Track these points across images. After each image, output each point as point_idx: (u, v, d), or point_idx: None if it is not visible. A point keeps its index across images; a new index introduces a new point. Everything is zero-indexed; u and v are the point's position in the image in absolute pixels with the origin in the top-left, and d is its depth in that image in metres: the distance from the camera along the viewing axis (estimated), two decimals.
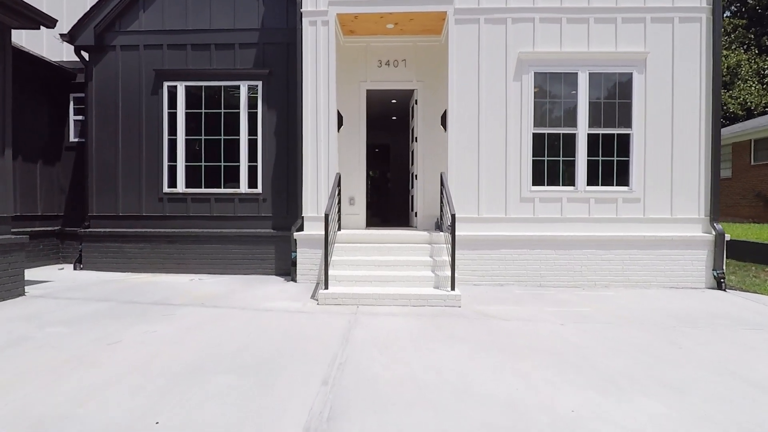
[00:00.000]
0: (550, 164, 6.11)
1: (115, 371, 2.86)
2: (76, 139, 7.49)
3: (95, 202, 6.85)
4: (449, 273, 5.12)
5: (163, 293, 5.27)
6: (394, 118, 11.12)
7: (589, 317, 4.49)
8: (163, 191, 6.79)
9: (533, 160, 6.06)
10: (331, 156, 6.11)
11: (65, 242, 7.44)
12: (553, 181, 6.12)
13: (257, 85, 6.70)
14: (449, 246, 5.23)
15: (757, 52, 20.94)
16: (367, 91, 7.11)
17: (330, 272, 5.20)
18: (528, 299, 5.25)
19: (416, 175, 7.14)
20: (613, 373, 2.97)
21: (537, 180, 6.09)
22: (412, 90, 7.17)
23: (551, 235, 5.96)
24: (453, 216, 4.94)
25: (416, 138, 7.14)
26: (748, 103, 19.49)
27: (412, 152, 7.58)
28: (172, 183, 6.80)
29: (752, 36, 21.59)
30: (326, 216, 4.98)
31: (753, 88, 19.60)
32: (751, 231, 10.04)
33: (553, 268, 5.98)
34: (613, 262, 5.98)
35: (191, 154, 6.80)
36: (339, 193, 6.17)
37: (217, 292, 5.40)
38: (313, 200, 6.11)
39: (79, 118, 7.45)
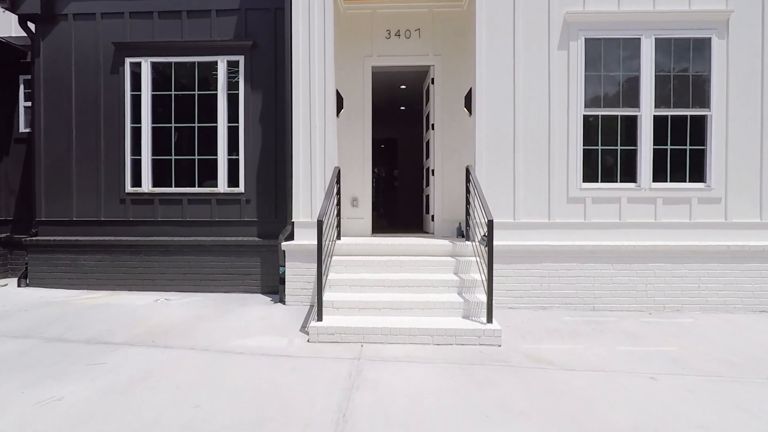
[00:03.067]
0: (606, 155, 4.84)
1: None
2: (28, 130, 6.30)
3: (44, 204, 5.65)
4: (483, 297, 3.88)
5: (108, 324, 4.05)
6: (402, 108, 9.87)
7: (682, 363, 3.22)
8: (126, 191, 5.58)
9: (584, 149, 4.79)
10: (329, 146, 4.87)
11: (14, 252, 6.26)
12: (609, 177, 4.84)
13: (239, 61, 5.47)
14: (480, 260, 3.98)
15: None
16: (373, 68, 5.86)
17: (325, 296, 3.96)
18: (586, 331, 3.98)
19: (433, 171, 5.89)
20: None
21: (589, 175, 4.82)
22: (428, 67, 5.91)
23: (607, 244, 4.68)
24: (490, 222, 3.68)
25: (432, 125, 5.89)
26: None
27: (428, 143, 6.33)
28: (137, 181, 5.59)
29: None
30: (320, 223, 3.74)
31: None
32: None
33: (610, 286, 4.70)
34: (686, 279, 4.69)
35: (159, 146, 5.59)
36: (338, 193, 4.94)
37: (179, 321, 4.17)
38: (306, 201, 4.88)
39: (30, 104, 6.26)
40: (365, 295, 4.10)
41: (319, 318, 3.71)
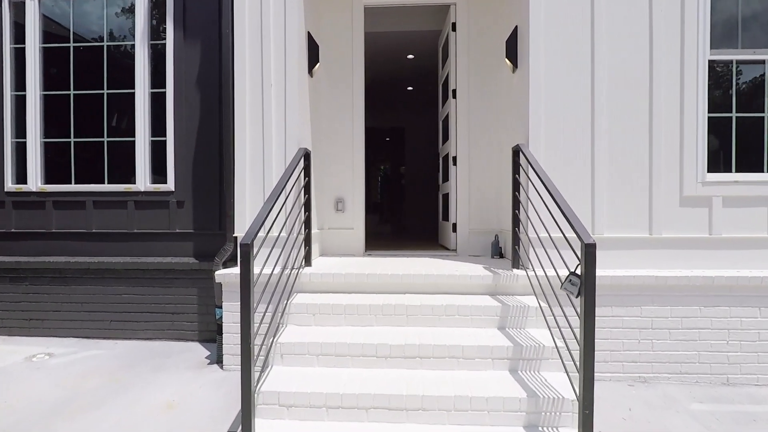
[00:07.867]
0: (744, 128, 2.98)
1: None
2: None
3: None
4: (562, 381, 2.04)
5: None
6: (410, 88, 8.04)
7: None
8: (6, 189, 3.82)
9: (708, 118, 2.92)
10: (291, 115, 3.06)
11: None
12: (750, 163, 2.97)
13: None
14: (547, 305, 2.14)
15: None
16: (366, 9, 4.04)
17: (267, 383, 2.16)
18: None
19: (455, 158, 4.03)
20: None
21: (716, 161, 2.96)
22: (447, 6, 4.08)
23: (751, 276, 2.80)
24: (590, 249, 1.81)
25: (454, 92, 4.04)
26: None
27: (446, 119, 4.48)
28: (21, 175, 3.84)
29: None
30: (245, 249, 1.92)
31: None
32: None
33: (756, 345, 2.82)
34: None
35: (53, 124, 3.83)
36: (307, 189, 3.12)
37: (25, 413, 2.38)
38: (255, 204, 3.07)
39: None
40: (343, 372, 2.26)
41: None
